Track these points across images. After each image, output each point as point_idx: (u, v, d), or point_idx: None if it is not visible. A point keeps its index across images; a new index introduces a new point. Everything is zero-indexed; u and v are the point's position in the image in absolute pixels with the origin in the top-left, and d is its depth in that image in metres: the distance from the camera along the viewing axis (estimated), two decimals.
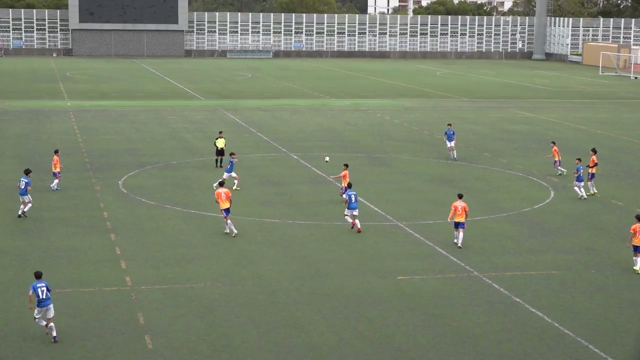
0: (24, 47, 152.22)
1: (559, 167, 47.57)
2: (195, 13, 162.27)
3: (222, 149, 47.94)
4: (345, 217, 35.03)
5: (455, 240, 32.55)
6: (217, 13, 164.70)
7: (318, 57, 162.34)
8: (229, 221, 33.58)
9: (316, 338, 23.25)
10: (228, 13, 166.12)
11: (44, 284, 22.94)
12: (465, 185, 44.26)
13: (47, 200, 39.10)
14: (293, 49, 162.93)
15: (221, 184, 35.51)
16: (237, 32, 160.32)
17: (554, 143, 48.85)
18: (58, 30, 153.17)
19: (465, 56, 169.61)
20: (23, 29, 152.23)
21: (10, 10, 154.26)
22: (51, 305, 22.70)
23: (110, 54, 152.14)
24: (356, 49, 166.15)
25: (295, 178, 45.92)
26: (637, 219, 29.92)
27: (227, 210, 33.58)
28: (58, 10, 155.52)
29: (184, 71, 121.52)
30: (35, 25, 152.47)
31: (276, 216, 37.05)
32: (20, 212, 35.88)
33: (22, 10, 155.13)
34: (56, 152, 42.86)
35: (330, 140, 59.97)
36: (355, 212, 34.58)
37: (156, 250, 31.30)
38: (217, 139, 49.07)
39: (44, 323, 22.68)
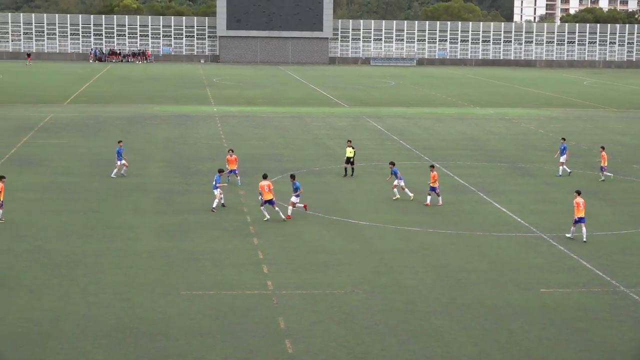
0: (172, 53, 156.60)
1: (605, 173, 47.62)
2: (339, 20, 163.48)
3: (349, 157, 47.91)
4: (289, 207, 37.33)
5: (569, 235, 34.60)
6: (361, 20, 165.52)
7: (462, 65, 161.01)
8: (262, 207, 36.62)
9: (455, 348, 23.05)
10: (372, 20, 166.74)
11: None
12: (612, 197, 43.09)
13: (193, 204, 40.09)
14: (437, 57, 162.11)
15: (264, 177, 37.59)
16: (381, 39, 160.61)
17: (603, 148, 48.29)
18: (206, 37, 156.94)
19: (614, 65, 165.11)
20: (172, 36, 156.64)
21: (161, 17, 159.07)
22: None
23: (255, 61, 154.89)
24: (501, 57, 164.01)
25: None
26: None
27: (271, 201, 36.40)
28: (206, 18, 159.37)
29: (327, 78, 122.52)
30: (184, 32, 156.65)
31: (417, 224, 36.92)
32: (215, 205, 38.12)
33: (172, 17, 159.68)
34: (231, 151, 45.17)
35: (474, 149, 59.38)
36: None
37: (297, 255, 31.64)
38: (346, 147, 49.16)
39: None
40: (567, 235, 35.03)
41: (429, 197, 40.56)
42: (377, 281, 28.70)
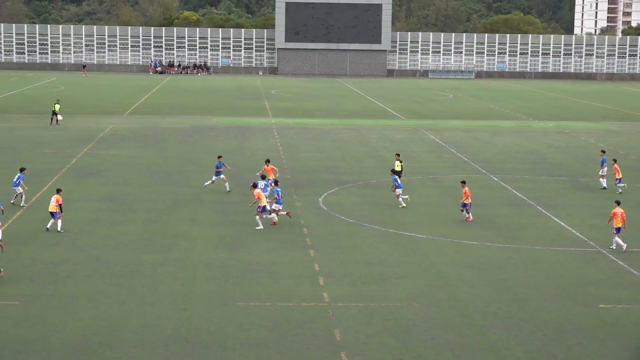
0: (231, 65, 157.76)
1: (619, 185, 47.61)
2: (398, 33, 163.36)
3: (397, 171, 47.62)
4: (272, 215, 38.28)
5: (613, 247, 34.75)
6: (420, 33, 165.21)
7: (521, 77, 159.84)
8: (257, 217, 37.47)
9: None
10: (431, 33, 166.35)
11: None
12: None
13: (250, 215, 40.26)
14: (496, 70, 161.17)
15: (254, 186, 38.91)
16: (439, 52, 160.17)
17: (615, 161, 48.32)
18: (264, 49, 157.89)
19: None
20: (231, 48, 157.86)
21: (220, 30, 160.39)
22: None
23: (313, 73, 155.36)
24: (561, 70, 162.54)
25: (495, 200, 45.32)
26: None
27: (264, 208, 37.61)
28: (265, 30, 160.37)
29: (385, 90, 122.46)
30: (243, 44, 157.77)
31: (474, 238, 36.68)
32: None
33: (231, 30, 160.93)
34: (267, 161, 45.52)
35: (532, 162, 58.86)
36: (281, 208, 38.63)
37: (353, 268, 31.61)
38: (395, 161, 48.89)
39: None
40: (611, 247, 34.88)
41: (465, 214, 40.02)
42: (433, 294, 28.55)
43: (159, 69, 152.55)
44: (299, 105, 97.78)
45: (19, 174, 41.62)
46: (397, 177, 43.29)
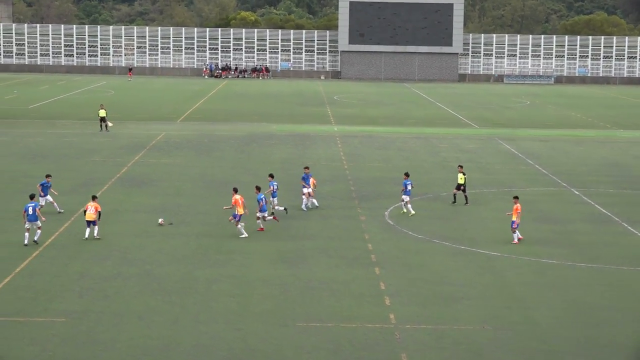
0: (291, 69, 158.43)
1: None
2: (470, 35, 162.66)
3: (460, 184, 47.22)
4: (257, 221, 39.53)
5: None
6: (494, 35, 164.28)
7: (604, 83, 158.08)
8: (239, 225, 38.12)
9: None
10: (506, 35, 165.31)
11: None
12: None
13: (311, 229, 40.34)
14: (577, 75, 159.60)
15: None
16: (515, 55, 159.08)
17: None
18: (327, 52, 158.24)
19: None
20: (291, 51, 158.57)
21: (280, 31, 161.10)
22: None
23: (379, 77, 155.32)
24: None
25: (576, 215, 44.82)
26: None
27: (240, 216, 38.21)
28: (327, 32, 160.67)
29: (456, 96, 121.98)
30: (304, 46, 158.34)
31: (553, 256, 36.30)
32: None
33: (292, 31, 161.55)
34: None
35: (617, 175, 58.12)
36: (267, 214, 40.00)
37: (422, 287, 31.47)
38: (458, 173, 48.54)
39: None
40: None
41: (515, 235, 38.87)
42: (508, 317, 28.30)
43: (216, 73, 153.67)
44: (364, 112, 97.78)
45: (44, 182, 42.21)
46: (408, 182, 44.08)
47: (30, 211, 36.50)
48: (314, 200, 45.05)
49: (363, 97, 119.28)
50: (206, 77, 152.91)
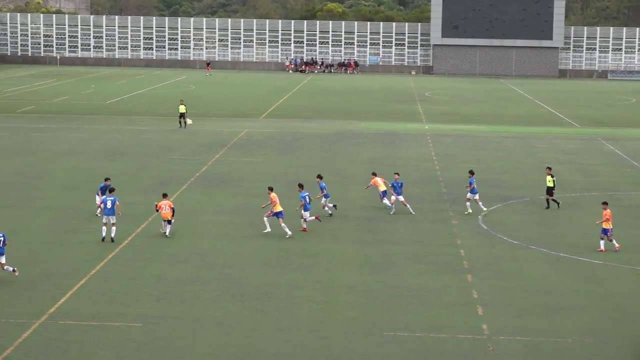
0: (380, 63, 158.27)
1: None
2: (572, 28, 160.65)
3: (549, 187, 46.56)
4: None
5: None
6: (597, 28, 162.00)
7: None
8: (283, 224, 39.19)
9: None
10: (611, 28, 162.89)
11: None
12: None
13: (399, 233, 40.25)
14: None
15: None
16: (620, 49, 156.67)
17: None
18: (418, 45, 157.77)
19: None
20: (381, 44, 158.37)
21: (368, 23, 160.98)
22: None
23: (474, 73, 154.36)
24: None
25: None
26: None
27: (279, 214, 39.20)
28: (419, 24, 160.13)
29: (556, 93, 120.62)
30: (393, 40, 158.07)
31: None
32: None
33: (381, 23, 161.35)
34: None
35: None
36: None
37: (517, 297, 31.17)
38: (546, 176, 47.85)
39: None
40: None
41: (602, 242, 38.07)
42: (611, 329, 27.87)
43: (301, 67, 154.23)
44: (457, 110, 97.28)
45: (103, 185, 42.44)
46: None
47: (109, 205, 37.44)
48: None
49: (456, 93, 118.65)
50: (290, 71, 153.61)
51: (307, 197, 40.74)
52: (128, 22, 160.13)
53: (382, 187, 44.95)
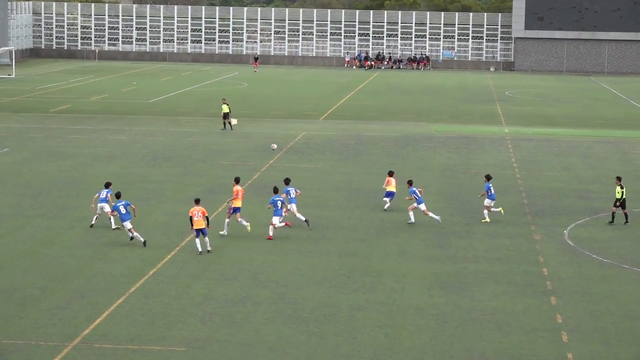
0: (455, 59, 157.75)
1: None
2: None
3: (618, 199, 45.95)
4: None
5: None
6: None
7: None
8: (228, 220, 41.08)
9: None
10: None
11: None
12: None
13: (474, 249, 40.08)
14: None
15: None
16: None
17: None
18: (498, 39, 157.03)
19: None
20: (456, 37, 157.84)
21: (442, 14, 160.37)
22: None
23: (560, 69, 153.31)
24: None
25: None
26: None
27: (235, 209, 41.48)
28: (499, 15, 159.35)
29: None
30: (470, 32, 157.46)
31: None
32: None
33: (456, 14, 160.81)
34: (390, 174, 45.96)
35: None
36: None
37: (607, 322, 30.89)
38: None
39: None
40: None
41: None
42: None
43: (367, 63, 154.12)
44: (541, 111, 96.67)
45: (106, 191, 42.99)
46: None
47: (123, 210, 39.42)
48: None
49: (540, 92, 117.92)
50: (354, 67, 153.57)
51: (278, 202, 41.58)
52: (174, 12, 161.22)
53: (391, 188, 47.68)
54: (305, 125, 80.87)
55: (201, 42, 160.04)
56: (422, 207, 44.80)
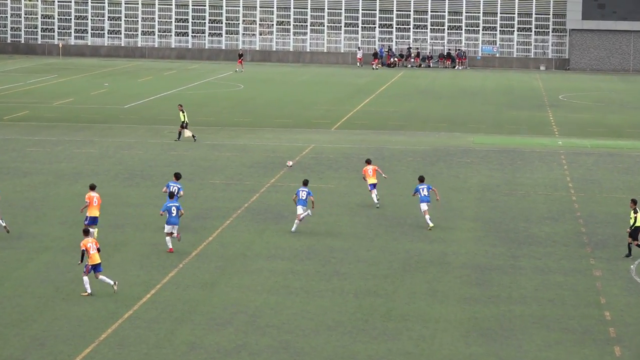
0: (497, 55, 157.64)
1: None
2: None
3: (633, 227, 45.95)
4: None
5: None
6: None
7: None
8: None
9: None
10: None
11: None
12: None
13: (522, 287, 39.95)
14: None
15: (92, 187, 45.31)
16: None
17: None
18: (549, 31, 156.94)
19: None
20: (498, 30, 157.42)
21: (481, 3, 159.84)
22: None
23: (626, 68, 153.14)
24: None
25: None
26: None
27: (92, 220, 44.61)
28: (550, 2, 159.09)
29: None
30: (515, 24, 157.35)
31: None
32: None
33: (498, 2, 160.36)
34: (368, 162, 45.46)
35: None
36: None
37: None
38: None
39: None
40: None
41: None
42: None
43: (391, 60, 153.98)
44: (602, 119, 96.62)
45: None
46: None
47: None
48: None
49: (602, 96, 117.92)
50: (374, 66, 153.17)
51: (172, 208, 43.84)
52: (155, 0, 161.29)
53: (372, 180, 51.28)
54: (314, 136, 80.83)
55: (188, 35, 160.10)
56: (424, 206, 45.66)
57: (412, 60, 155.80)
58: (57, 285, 39.06)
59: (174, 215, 43.79)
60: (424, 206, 46.93)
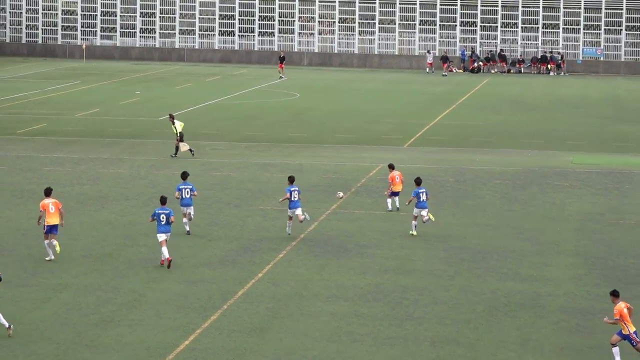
0: (601, 59, 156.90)
1: None
2: None
3: None
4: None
5: None
6: None
7: None
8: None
9: None
10: None
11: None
12: None
13: (594, 336, 39.72)
14: None
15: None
16: None
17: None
18: None
19: None
20: (602, 29, 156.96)
21: (582, 2, 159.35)
22: None
23: None
24: None
25: None
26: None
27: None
28: None
29: None
30: (624, 21, 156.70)
31: None
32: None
33: None
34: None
35: None
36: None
37: None
38: None
39: None
40: None
41: None
42: None
43: (474, 65, 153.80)
44: None
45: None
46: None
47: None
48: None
49: None
50: (455, 70, 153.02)
51: (162, 215, 47.26)
52: None
53: (398, 187, 54.33)
54: (383, 154, 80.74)
55: (234, 35, 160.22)
56: (424, 212, 46.22)
57: (499, 64, 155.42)
58: (79, 330, 39.12)
59: (163, 223, 46.90)
60: (423, 213, 47.68)
